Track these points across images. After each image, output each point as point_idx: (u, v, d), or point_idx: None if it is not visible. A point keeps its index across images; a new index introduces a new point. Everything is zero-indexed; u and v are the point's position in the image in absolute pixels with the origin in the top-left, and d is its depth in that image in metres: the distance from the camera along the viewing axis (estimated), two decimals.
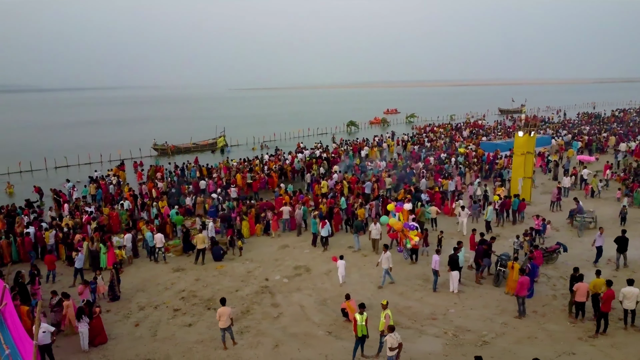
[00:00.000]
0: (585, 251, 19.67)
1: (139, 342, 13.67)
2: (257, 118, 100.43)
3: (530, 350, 12.56)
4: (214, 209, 25.36)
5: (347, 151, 42.76)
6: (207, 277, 18.32)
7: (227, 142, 56.91)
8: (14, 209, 24.84)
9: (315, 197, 26.86)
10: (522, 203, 24.05)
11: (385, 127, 77.59)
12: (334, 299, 15.97)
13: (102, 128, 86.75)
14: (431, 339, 13.29)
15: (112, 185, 31.28)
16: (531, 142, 27.35)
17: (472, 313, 14.80)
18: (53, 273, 17.78)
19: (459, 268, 16.22)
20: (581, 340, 13.04)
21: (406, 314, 14.87)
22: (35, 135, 76.00)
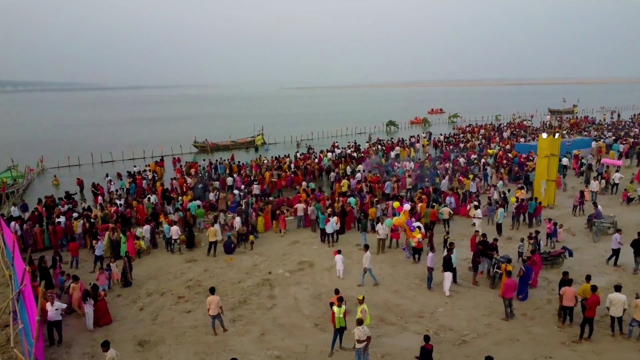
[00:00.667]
0: (597, 257, 19.23)
1: (140, 325, 14.78)
2: (301, 117, 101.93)
3: (507, 352, 12.66)
4: (235, 204, 26.46)
5: (378, 151, 42.99)
6: (215, 268, 19.32)
7: (265, 140, 58.33)
8: (53, 200, 26.91)
9: (332, 196, 27.37)
10: (538, 206, 23.61)
11: (426, 127, 76.85)
12: (328, 294, 16.47)
13: (152, 125, 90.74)
14: (411, 336, 13.59)
15: (146, 180, 33.08)
16: (555, 144, 26.69)
17: (459, 313, 14.95)
18: (76, 259, 19.31)
19: (453, 269, 16.35)
20: (563, 345, 12.96)
21: (394, 311, 15.22)
22: (88, 131, 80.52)
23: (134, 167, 38.78)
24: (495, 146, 43.89)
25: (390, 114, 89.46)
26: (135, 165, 39.53)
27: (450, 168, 33.60)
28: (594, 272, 17.65)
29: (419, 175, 31.99)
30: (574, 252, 19.60)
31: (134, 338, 14.02)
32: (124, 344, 13.70)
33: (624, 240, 18.09)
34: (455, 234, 22.02)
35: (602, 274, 17.59)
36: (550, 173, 26.84)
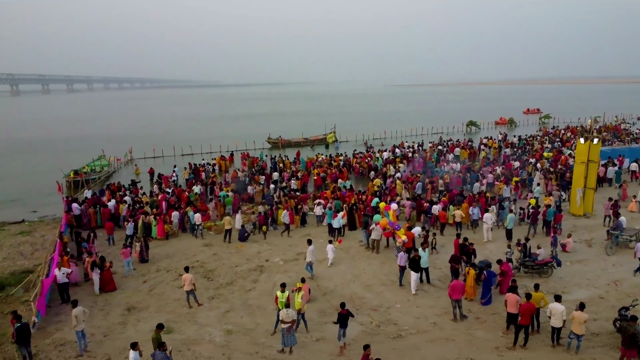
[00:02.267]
0: (598, 270, 18.42)
1: (136, 294, 17.38)
2: (388, 115, 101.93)
3: (434, 350, 13.21)
4: (267, 197, 28.61)
5: (434, 152, 42.69)
6: (224, 253, 21.54)
7: (336, 137, 60.03)
8: (119, 186, 31.06)
9: (358, 194, 28.33)
10: (558, 214, 22.67)
11: (512, 128, 73.34)
12: (307, 282, 17.84)
13: (241, 121, 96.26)
14: (353, 325, 14.53)
15: (206, 172, 36.48)
16: (595, 150, 25.22)
17: (413, 310, 15.54)
18: (112, 237, 22.63)
19: (421, 269, 16.86)
20: (496, 350, 13.15)
21: (355, 303, 16.19)
22: (182, 126, 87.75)
23: (202, 160, 42.68)
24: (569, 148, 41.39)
25: (484, 113, 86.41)
26: (203, 159, 43.45)
27: (496, 172, 32.73)
28: (583, 285, 17.18)
29: (455, 178, 31.68)
30: (579, 263, 19.05)
31: (126, 304, 16.62)
32: (116, 307, 16.36)
33: None
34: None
35: (590, 287, 16.95)
36: (590, 180, 25.49)
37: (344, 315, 12.98)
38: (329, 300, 16.45)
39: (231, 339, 14.17)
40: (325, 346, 13.60)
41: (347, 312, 13.05)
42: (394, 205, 20.80)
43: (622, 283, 17.11)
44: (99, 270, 17.30)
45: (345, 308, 13.03)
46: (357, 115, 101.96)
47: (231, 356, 13.21)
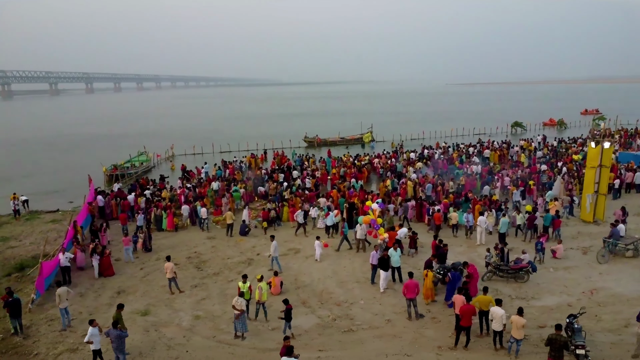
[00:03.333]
0: (580, 277, 18.15)
1: (130, 279, 19.04)
2: (434, 115, 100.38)
3: (377, 345, 13.78)
4: (278, 195, 29.74)
5: (462, 154, 42.14)
6: (222, 245, 22.89)
7: (373, 137, 60.31)
8: (147, 180, 33.28)
9: (370, 194, 28.81)
10: (557, 220, 22.19)
11: (562, 129, 70.33)
12: (288, 276, 18.80)
13: (289, 119, 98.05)
14: (311, 318, 15.38)
15: (236, 169, 38.14)
16: (607, 154, 24.37)
17: (375, 307, 16.10)
18: (126, 227, 24.52)
19: (390, 268, 17.32)
20: (438, 349, 13.50)
21: (322, 298, 16.98)
22: (233, 123, 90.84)
23: (233, 157, 44.57)
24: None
25: (543, 112, 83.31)
26: (234, 156, 45.34)
27: (514, 175, 32.09)
28: (556, 292, 17.05)
29: (472, 180, 31.38)
30: (565, 270, 18.86)
31: (118, 288, 18.30)
32: (108, 290, 18.08)
33: None
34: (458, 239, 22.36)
35: (563, 294, 16.76)
36: (601, 186, 24.65)
37: (289, 310, 13.80)
38: (299, 294, 17.29)
39: (197, 323, 15.39)
40: (278, 335, 14.45)
41: (291, 307, 13.92)
42: (374, 205, 21.25)
43: (599, 292, 16.74)
44: (99, 257, 19.08)
45: (289, 303, 13.81)
46: (406, 115, 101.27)
47: (190, 338, 14.42)
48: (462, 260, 18.10)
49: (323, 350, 13.57)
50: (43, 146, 64.46)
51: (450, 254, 19.21)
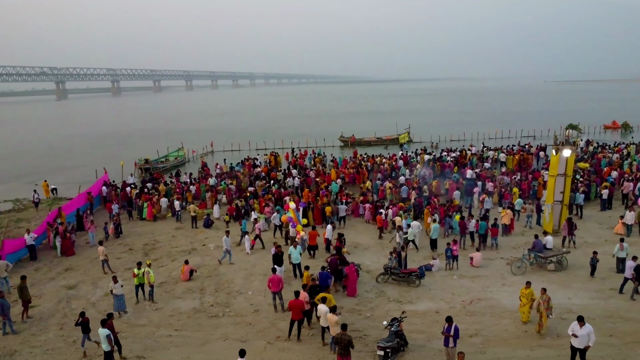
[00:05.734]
0: (478, 286, 18.19)
1: (82, 260, 22.11)
2: (501, 115, 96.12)
3: (227, 330, 15.45)
4: (264, 192, 31.68)
5: (482, 158, 41.15)
6: (181, 236, 25.40)
7: (410, 138, 60.09)
8: (160, 174, 36.88)
9: (342, 193, 29.82)
10: (493, 229, 21.90)
11: (627, 133, 64.78)
12: (208, 266, 20.79)
13: (352, 117, 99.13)
14: (194, 302, 17.28)
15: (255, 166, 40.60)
16: (568, 163, 23.36)
17: (257, 299, 17.64)
18: (111, 215, 27.91)
19: (293, 265, 18.70)
20: (277, 339, 14.73)
21: (220, 286, 18.81)
22: (293, 121, 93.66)
23: (257, 155, 47.21)
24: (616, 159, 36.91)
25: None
26: (258, 154, 47.96)
27: (503, 181, 31.26)
28: (436, 298, 17.49)
29: (458, 184, 31.05)
30: (470, 278, 19.04)
31: (69, 265, 21.44)
32: (60, 267, 21.30)
33: None
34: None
35: (440, 301, 17.14)
36: (559, 195, 23.72)
37: (84, 323, 13.94)
38: (203, 282, 19.21)
39: (103, 299, 17.88)
40: (155, 315, 16.51)
41: (88, 319, 14.10)
42: (292, 204, 22.43)
43: (480, 302, 16.77)
44: (61, 239, 22.38)
45: (85, 316, 14.12)
46: (475, 115, 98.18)
47: (87, 311, 16.82)
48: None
49: (179, 330, 15.40)
50: (119, 139, 72.08)
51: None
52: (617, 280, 18.25)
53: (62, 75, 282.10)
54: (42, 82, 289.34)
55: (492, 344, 14.12)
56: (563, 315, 15.65)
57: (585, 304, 16.61)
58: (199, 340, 14.69)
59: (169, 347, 14.39)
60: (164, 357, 13.89)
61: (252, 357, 13.69)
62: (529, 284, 15.06)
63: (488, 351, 13.74)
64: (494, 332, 14.72)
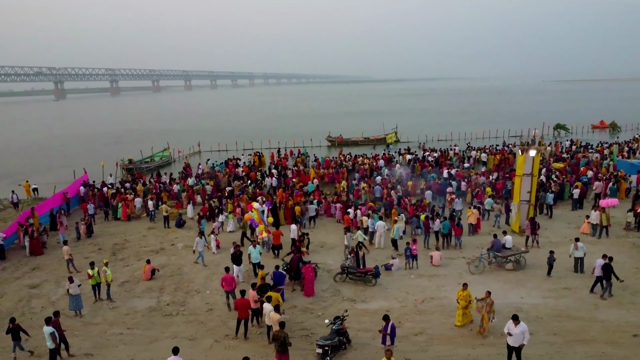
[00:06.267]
0: (433, 286, 18.38)
1: (50, 259, 22.31)
2: (492, 115, 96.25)
3: (178, 328, 15.61)
4: (240, 191, 31.91)
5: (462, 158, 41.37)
6: (153, 235, 25.61)
7: (398, 137, 60.29)
8: (140, 174, 37.08)
9: (317, 193, 30.03)
10: (457, 228, 22.09)
11: (615, 133, 64.92)
12: (172, 266, 21.00)
13: (342, 118, 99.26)
14: (151, 301, 17.46)
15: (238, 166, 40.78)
16: (534, 162, 23.55)
17: (213, 298, 17.83)
18: (85, 215, 28.07)
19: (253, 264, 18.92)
20: (225, 337, 14.94)
21: (180, 285, 19.02)
22: (284, 122, 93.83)
23: (241, 155, 47.39)
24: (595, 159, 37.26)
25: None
26: (242, 154, 48.14)
27: (477, 180, 31.49)
28: (390, 297, 17.72)
29: (434, 184, 31.23)
30: (427, 277, 19.24)
31: (36, 265, 21.66)
32: (27, 266, 21.54)
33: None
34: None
35: (393, 300, 17.36)
36: (526, 195, 23.90)
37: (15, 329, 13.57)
38: (164, 281, 19.43)
39: (63, 298, 18.04)
40: (111, 313, 16.73)
41: (18, 326, 13.73)
42: (256, 204, 22.63)
43: (432, 302, 16.96)
44: (29, 238, 22.60)
45: (16, 322, 13.80)
46: (468, 115, 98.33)
47: (45, 309, 17.06)
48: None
49: (131, 328, 15.61)
50: (111, 139, 72.29)
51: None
52: (572, 280, 18.53)
53: (61, 75, 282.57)
54: (41, 82, 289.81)
55: (435, 342, 14.31)
56: (512, 315, 15.81)
57: (536, 302, 16.80)
58: (148, 339, 14.90)
59: (117, 345, 14.60)
60: (111, 354, 14.10)
61: (197, 355, 13.95)
62: (466, 285, 15.16)
63: (430, 349, 13.94)
64: (439, 331, 14.91)
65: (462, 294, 14.77)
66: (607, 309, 16.21)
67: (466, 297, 14.70)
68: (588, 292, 17.41)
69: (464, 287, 14.99)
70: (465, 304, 14.66)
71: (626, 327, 15.00)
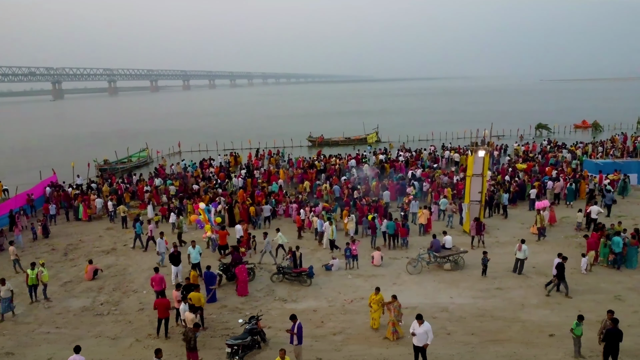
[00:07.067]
0: (367, 285, 18.56)
1: (4, 259, 22.46)
2: (484, 114, 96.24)
3: (105, 327, 15.85)
4: (205, 192, 32.08)
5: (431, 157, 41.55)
6: (108, 236, 25.85)
7: (379, 137, 60.48)
8: (110, 175, 37.31)
9: (281, 193, 30.26)
10: (402, 229, 22.28)
11: (597, 133, 65.02)
12: (122, 266, 21.23)
13: (332, 118, 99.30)
14: (85, 301, 17.67)
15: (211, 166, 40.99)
16: (482, 163, 23.72)
17: (149, 297, 17.81)
18: (49, 216, 28.19)
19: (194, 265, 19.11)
20: (148, 336, 15.16)
21: (120, 285, 19.22)
22: (273, 122, 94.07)
23: (218, 155, 47.59)
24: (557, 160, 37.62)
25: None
26: (219, 154, 48.35)
27: (440, 180, 31.67)
28: (320, 297, 17.91)
29: (396, 185, 31.41)
30: (363, 278, 19.45)
31: None
32: None
33: None
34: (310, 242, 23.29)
35: (323, 299, 17.56)
36: (477, 195, 24.08)
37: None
38: (105, 281, 19.64)
39: None
40: (44, 313, 16.94)
41: None
42: (202, 204, 22.84)
43: (361, 301, 17.11)
44: None
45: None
46: (458, 114, 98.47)
47: None
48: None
49: (59, 328, 15.84)
50: (96, 139, 72.52)
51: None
52: (506, 280, 18.73)
53: (58, 75, 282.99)
54: (39, 82, 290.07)
55: (351, 341, 14.51)
56: (436, 315, 16.04)
57: (464, 302, 16.98)
58: (72, 338, 15.09)
59: (41, 344, 14.81)
60: (33, 353, 14.31)
61: (115, 354, 14.18)
62: (378, 290, 15.24)
63: (344, 349, 14.13)
64: (358, 331, 15.10)
65: (375, 297, 14.87)
66: (532, 309, 16.41)
67: (379, 301, 14.80)
68: (519, 292, 17.61)
69: (376, 292, 15.08)
70: (377, 307, 14.75)
71: (546, 327, 15.18)
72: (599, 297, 17.13)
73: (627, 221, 24.95)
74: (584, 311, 15.78)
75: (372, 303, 14.82)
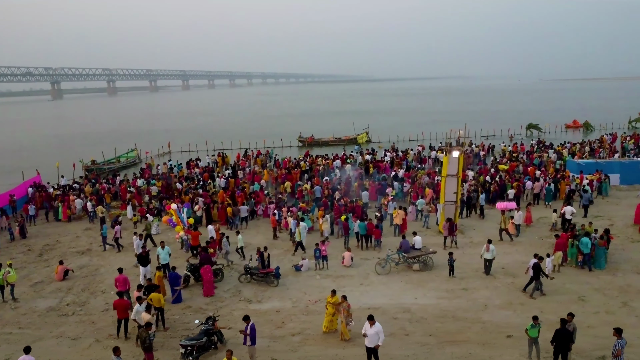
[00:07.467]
0: (333, 285, 18.37)
1: None
2: (481, 114, 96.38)
3: (68, 328, 15.91)
4: (186, 192, 32.12)
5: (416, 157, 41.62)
6: (86, 236, 25.93)
7: (369, 138, 60.54)
8: (96, 175, 37.40)
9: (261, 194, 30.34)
10: (375, 230, 22.32)
11: (588, 133, 65.03)
12: (94, 266, 21.31)
13: (327, 118, 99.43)
14: (53, 301, 17.75)
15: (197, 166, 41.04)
16: (457, 163, 23.78)
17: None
18: (30, 216, 28.29)
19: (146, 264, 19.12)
20: (108, 336, 15.23)
21: (90, 286, 19.29)
22: (268, 122, 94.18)
23: (206, 156, 47.68)
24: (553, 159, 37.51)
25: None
26: (207, 155, 48.44)
27: (421, 180, 31.73)
28: (285, 298, 17.92)
29: (377, 185, 31.46)
30: (332, 278, 19.48)
31: None
32: None
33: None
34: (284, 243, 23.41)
35: (287, 300, 17.59)
36: (452, 196, 24.13)
37: None
38: (75, 282, 19.70)
39: None
40: (10, 313, 17.02)
41: None
42: (174, 205, 22.91)
43: (325, 302, 17.16)
44: None
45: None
46: (453, 114, 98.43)
47: None
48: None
49: (22, 328, 15.92)
50: (90, 139, 72.61)
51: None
52: (473, 281, 18.76)
53: (57, 75, 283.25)
54: (38, 82, 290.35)
55: (308, 342, 14.56)
56: (397, 315, 16.10)
57: (428, 303, 17.03)
58: (33, 338, 15.15)
59: (1, 345, 14.88)
60: None
61: (72, 354, 14.27)
62: (334, 292, 15.23)
63: (300, 350, 14.19)
64: (317, 332, 15.13)
65: (331, 300, 14.87)
66: (495, 310, 16.45)
67: (333, 303, 14.80)
68: (484, 293, 17.65)
69: (332, 294, 15.07)
70: (333, 310, 14.76)
71: (505, 327, 15.22)
72: (563, 298, 17.17)
73: (602, 221, 25.07)
74: (547, 312, 15.93)
75: (328, 305, 14.82)
